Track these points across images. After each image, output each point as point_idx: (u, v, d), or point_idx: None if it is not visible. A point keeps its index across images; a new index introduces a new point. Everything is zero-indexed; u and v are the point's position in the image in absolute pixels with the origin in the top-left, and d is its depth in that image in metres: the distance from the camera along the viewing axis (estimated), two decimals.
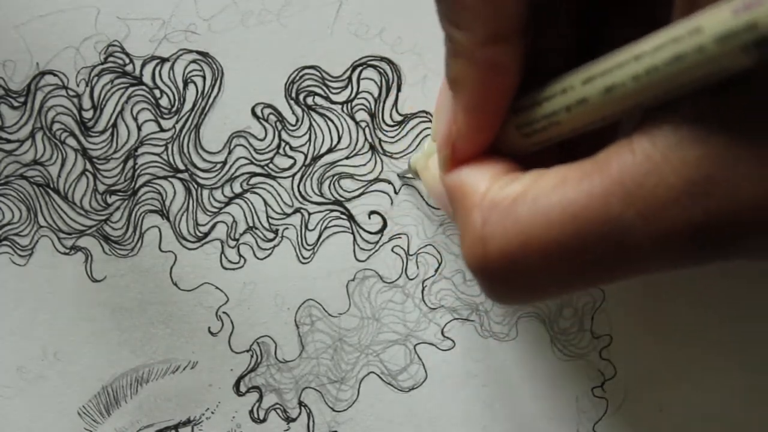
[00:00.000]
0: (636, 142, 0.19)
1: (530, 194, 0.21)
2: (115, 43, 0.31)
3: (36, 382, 0.32)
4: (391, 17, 0.32)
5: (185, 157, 0.32)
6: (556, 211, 0.20)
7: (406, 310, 0.33)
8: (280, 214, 0.32)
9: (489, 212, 0.22)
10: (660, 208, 0.19)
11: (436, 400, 0.33)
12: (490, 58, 0.22)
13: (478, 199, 0.22)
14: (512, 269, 0.21)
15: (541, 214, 0.20)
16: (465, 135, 0.24)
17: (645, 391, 0.33)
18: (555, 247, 0.20)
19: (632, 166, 0.19)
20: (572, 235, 0.20)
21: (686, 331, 0.33)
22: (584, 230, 0.20)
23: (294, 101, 0.32)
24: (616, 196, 0.19)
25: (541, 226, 0.20)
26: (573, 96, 0.21)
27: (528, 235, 0.21)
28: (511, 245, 0.21)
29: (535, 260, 0.21)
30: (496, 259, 0.21)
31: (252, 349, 0.33)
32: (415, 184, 0.32)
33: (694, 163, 0.18)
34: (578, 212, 0.20)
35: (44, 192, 0.32)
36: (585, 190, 0.20)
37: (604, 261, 0.20)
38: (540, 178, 0.21)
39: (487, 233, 0.22)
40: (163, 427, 0.33)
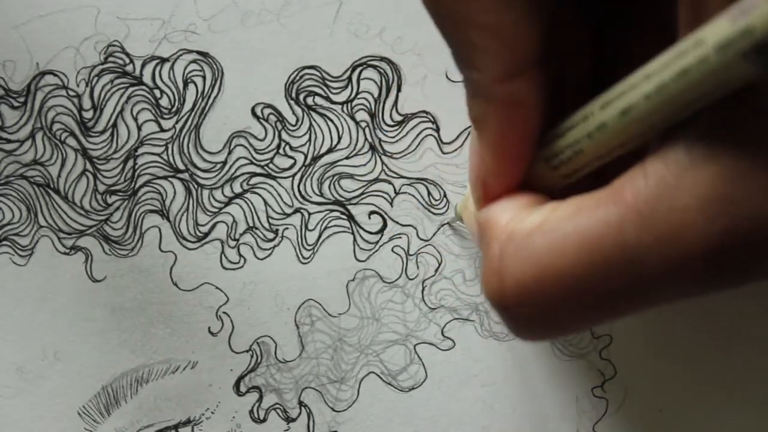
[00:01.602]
0: (649, 165, 0.19)
1: (546, 225, 0.21)
2: (115, 43, 0.31)
3: (36, 382, 0.32)
4: (391, 17, 0.32)
5: (185, 157, 0.32)
6: (571, 241, 0.20)
7: (406, 310, 0.33)
8: (280, 214, 0.32)
9: (506, 244, 0.21)
10: (676, 232, 0.18)
11: (436, 400, 0.33)
12: (508, 94, 0.22)
13: (498, 232, 0.22)
14: (528, 301, 0.21)
15: (556, 244, 0.20)
16: (493, 173, 0.23)
17: (645, 391, 0.33)
18: (570, 278, 0.20)
19: (645, 191, 0.19)
20: (587, 265, 0.19)
21: (686, 331, 0.33)
22: (600, 259, 0.19)
23: (294, 101, 0.32)
24: (631, 223, 0.19)
25: (556, 257, 0.20)
26: (593, 122, 0.21)
27: (542, 266, 0.20)
28: (525, 276, 0.20)
29: (551, 291, 0.20)
30: (511, 291, 0.21)
31: (252, 349, 0.33)
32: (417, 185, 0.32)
33: (708, 182, 0.18)
34: (593, 241, 0.19)
35: (44, 192, 0.32)
36: (600, 218, 0.19)
37: (621, 291, 0.19)
38: (556, 209, 0.21)
39: (503, 265, 0.21)
40: (163, 427, 0.33)
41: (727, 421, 0.33)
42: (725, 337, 0.33)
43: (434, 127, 0.32)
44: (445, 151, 0.32)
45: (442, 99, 0.32)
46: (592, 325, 0.22)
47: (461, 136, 0.32)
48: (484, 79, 0.22)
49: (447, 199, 0.32)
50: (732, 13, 0.17)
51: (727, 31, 0.17)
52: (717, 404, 0.33)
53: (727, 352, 0.33)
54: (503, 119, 0.22)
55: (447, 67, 0.32)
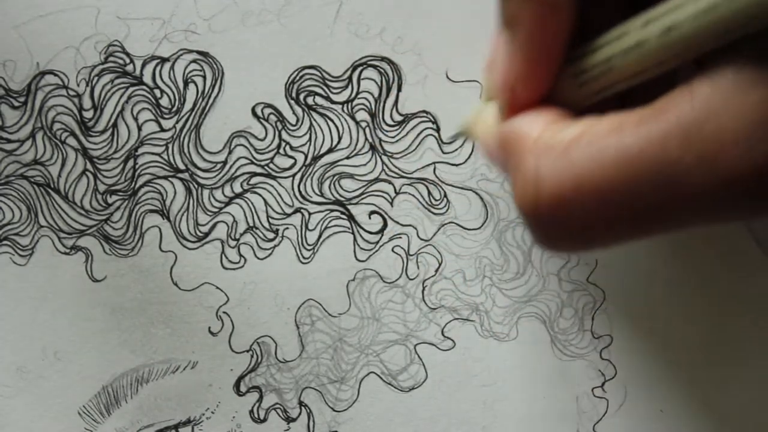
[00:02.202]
0: (696, 87, 0.19)
1: (585, 138, 0.21)
2: (116, 42, 0.31)
3: (36, 382, 0.32)
4: (391, 17, 0.32)
5: (185, 157, 0.32)
6: (612, 155, 0.20)
7: (407, 310, 0.33)
8: (280, 214, 0.32)
9: (542, 155, 0.21)
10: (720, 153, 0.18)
11: (436, 400, 0.33)
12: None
13: (531, 144, 0.22)
14: (565, 212, 0.21)
15: (596, 157, 0.20)
16: (524, 77, 0.23)
17: (645, 391, 0.33)
18: (610, 191, 0.20)
19: (691, 111, 0.19)
20: (628, 179, 0.19)
21: (687, 332, 0.33)
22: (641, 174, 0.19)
23: (294, 101, 0.32)
24: (675, 140, 0.19)
25: (596, 169, 0.20)
26: (630, 39, 0.20)
27: (582, 178, 0.20)
28: (564, 187, 0.20)
29: (589, 203, 0.20)
30: (548, 201, 0.21)
31: (252, 349, 0.33)
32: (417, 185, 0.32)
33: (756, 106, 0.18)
34: (635, 156, 0.19)
35: (45, 192, 0.32)
36: (642, 134, 0.19)
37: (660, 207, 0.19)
38: (596, 124, 0.21)
39: (540, 175, 0.21)
40: (164, 426, 0.33)
41: (727, 421, 0.33)
42: (725, 338, 0.33)
43: (434, 127, 0.32)
44: (446, 151, 0.32)
45: (443, 99, 0.32)
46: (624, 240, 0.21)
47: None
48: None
49: (447, 199, 0.32)
50: None
51: None
52: (717, 404, 0.33)
53: (727, 353, 0.33)
54: (538, 18, 0.22)
55: (447, 67, 0.32)
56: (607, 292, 0.33)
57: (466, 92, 0.32)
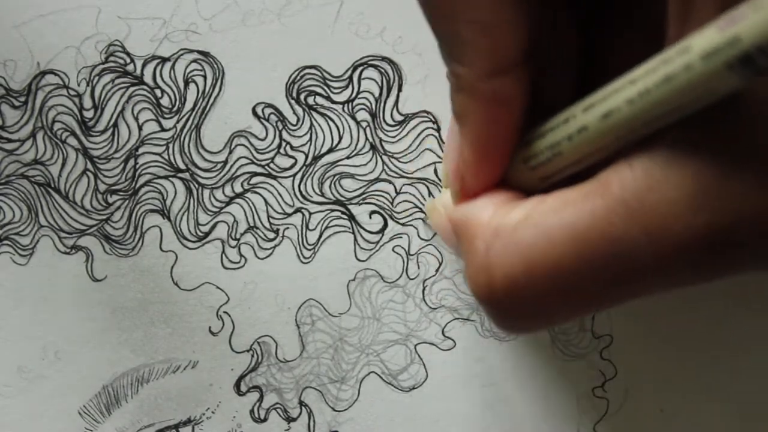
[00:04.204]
0: (635, 159, 0.19)
1: (531, 219, 0.21)
2: (116, 42, 0.31)
3: (36, 382, 0.32)
4: (392, 17, 0.32)
5: (186, 157, 0.32)
6: (558, 234, 0.20)
7: (407, 309, 0.33)
8: (280, 213, 0.32)
9: (492, 240, 0.21)
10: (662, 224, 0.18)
11: (436, 400, 0.33)
12: (493, 91, 0.22)
13: (481, 229, 0.22)
14: (517, 295, 0.21)
15: (543, 237, 0.20)
16: (472, 168, 0.23)
17: (646, 391, 0.33)
18: (560, 270, 0.20)
19: (633, 183, 0.19)
20: (576, 257, 0.20)
21: (687, 332, 0.33)
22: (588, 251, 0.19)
23: (295, 101, 0.32)
24: (619, 215, 0.19)
25: (544, 250, 0.20)
26: (574, 125, 0.21)
27: (531, 259, 0.20)
28: (515, 270, 0.21)
29: (540, 284, 0.20)
30: (500, 285, 0.21)
31: (252, 349, 0.33)
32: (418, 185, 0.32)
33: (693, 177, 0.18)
34: (581, 233, 0.19)
35: (45, 191, 0.32)
36: (587, 210, 0.20)
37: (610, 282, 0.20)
38: (541, 203, 0.21)
39: (490, 261, 0.21)
40: (164, 426, 0.33)
41: (727, 421, 0.33)
42: (726, 338, 0.33)
43: (435, 126, 0.32)
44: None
45: (443, 99, 0.32)
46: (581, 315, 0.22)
47: None
48: (469, 74, 0.22)
49: None
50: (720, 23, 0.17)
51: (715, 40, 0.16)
52: (717, 404, 0.33)
53: (728, 353, 0.33)
54: (485, 116, 0.22)
55: None
56: None
57: None
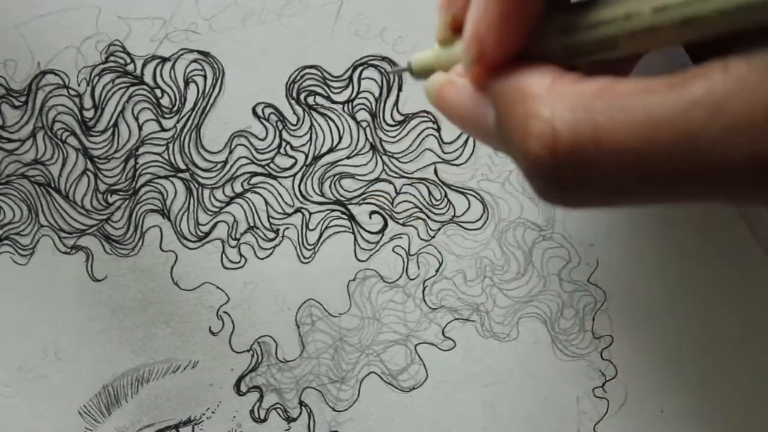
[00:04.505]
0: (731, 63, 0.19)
1: (607, 94, 0.20)
2: (116, 42, 0.31)
3: (37, 382, 0.32)
4: (391, 17, 0.32)
5: (186, 157, 0.32)
6: (635, 115, 0.19)
7: (407, 310, 0.33)
8: (280, 213, 0.32)
9: (560, 103, 0.20)
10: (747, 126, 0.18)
11: (436, 400, 0.33)
12: None
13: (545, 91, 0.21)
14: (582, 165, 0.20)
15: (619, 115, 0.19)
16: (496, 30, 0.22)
17: (646, 391, 0.33)
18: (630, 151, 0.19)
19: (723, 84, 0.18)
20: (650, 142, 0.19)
21: (687, 332, 0.33)
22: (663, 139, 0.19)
23: (295, 101, 0.32)
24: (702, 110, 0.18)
25: (618, 127, 0.19)
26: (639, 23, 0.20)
27: (602, 133, 0.20)
28: (584, 140, 0.20)
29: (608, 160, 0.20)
30: (566, 151, 0.20)
31: (253, 349, 0.33)
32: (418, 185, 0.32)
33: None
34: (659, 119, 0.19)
35: (45, 191, 0.32)
36: (670, 99, 0.19)
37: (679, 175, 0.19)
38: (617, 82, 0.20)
39: (558, 124, 0.20)
40: (164, 426, 0.33)
41: (727, 421, 0.33)
42: (726, 338, 0.33)
43: (435, 127, 0.32)
44: (446, 151, 0.32)
45: None
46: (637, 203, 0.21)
47: (462, 136, 0.32)
48: None
49: (448, 198, 0.32)
50: None
51: None
52: (717, 404, 0.33)
53: (727, 353, 0.33)
54: None
55: None
56: (607, 293, 0.33)
57: None
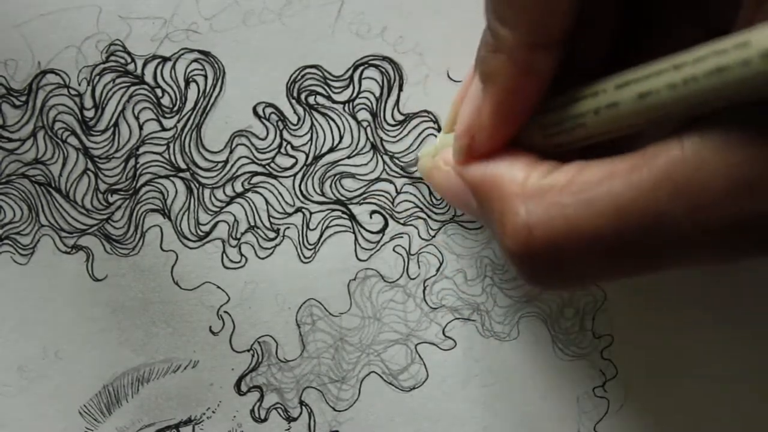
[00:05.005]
0: (686, 138, 0.20)
1: (575, 185, 0.21)
2: (117, 42, 0.31)
3: (37, 381, 0.32)
4: (392, 17, 0.32)
5: (187, 157, 0.32)
6: (604, 203, 0.20)
7: (408, 309, 0.33)
8: (281, 213, 0.32)
9: (532, 200, 0.22)
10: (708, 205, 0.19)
11: (437, 400, 0.33)
12: (530, 60, 0.22)
13: (517, 188, 0.23)
14: (558, 257, 0.22)
15: (588, 205, 0.21)
16: (488, 129, 0.24)
17: (646, 391, 0.33)
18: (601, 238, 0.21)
19: (682, 162, 0.19)
20: (619, 227, 0.20)
21: (687, 332, 0.33)
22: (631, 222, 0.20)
23: (295, 100, 0.32)
24: (665, 191, 0.19)
25: (588, 216, 0.21)
26: (604, 99, 0.21)
27: (574, 224, 0.21)
28: (557, 233, 0.21)
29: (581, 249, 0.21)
30: (541, 246, 0.22)
31: (253, 349, 0.33)
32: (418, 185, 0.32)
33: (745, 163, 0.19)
34: (626, 204, 0.20)
35: (45, 191, 0.32)
36: (633, 182, 0.20)
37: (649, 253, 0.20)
38: (585, 169, 0.22)
39: (531, 221, 0.22)
40: (164, 426, 0.33)
41: (727, 421, 0.33)
42: (726, 338, 0.33)
43: (436, 126, 0.32)
44: None
45: (444, 99, 0.32)
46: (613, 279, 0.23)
47: None
48: (511, 38, 0.22)
49: None
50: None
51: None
52: (717, 404, 0.33)
53: (727, 353, 0.33)
54: (516, 81, 0.23)
55: (449, 67, 0.32)
56: (607, 292, 0.33)
57: None
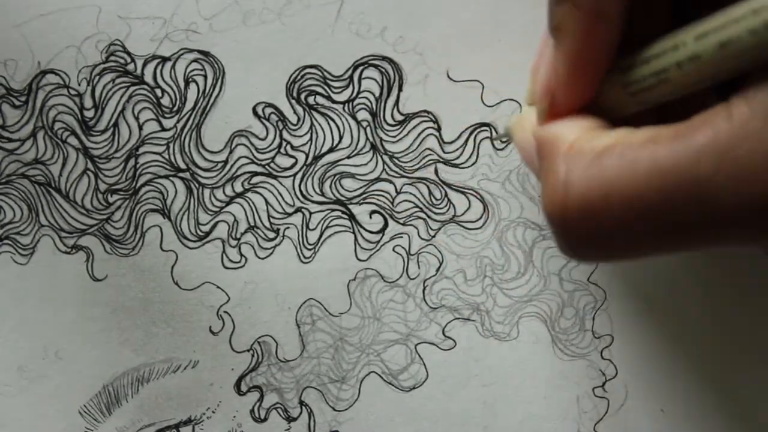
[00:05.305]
0: (734, 106, 0.19)
1: (618, 148, 0.21)
2: (117, 42, 0.31)
3: (37, 381, 0.32)
4: (392, 16, 0.32)
5: (186, 157, 0.32)
6: (644, 166, 0.20)
7: (407, 309, 0.33)
8: (281, 213, 0.32)
9: (573, 160, 0.21)
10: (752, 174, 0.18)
11: (436, 400, 0.33)
12: (594, 3, 0.22)
13: (564, 148, 0.22)
14: (592, 219, 0.21)
15: (628, 167, 0.20)
16: (565, 85, 0.23)
17: (646, 391, 0.33)
18: (638, 202, 0.20)
19: (727, 130, 0.19)
20: (658, 192, 0.19)
21: (687, 332, 0.33)
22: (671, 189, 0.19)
23: (295, 100, 0.32)
24: (708, 158, 0.19)
25: (626, 179, 0.20)
26: (685, 52, 0.20)
27: (612, 187, 0.20)
28: (592, 193, 0.21)
29: (617, 213, 0.20)
30: (576, 206, 0.21)
31: (253, 349, 0.33)
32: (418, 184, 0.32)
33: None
34: (666, 169, 0.19)
35: (45, 191, 0.32)
36: (676, 149, 0.19)
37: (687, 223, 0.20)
38: (630, 134, 0.21)
39: (569, 180, 0.21)
40: (164, 426, 0.33)
41: (727, 421, 0.33)
42: (726, 338, 0.33)
43: (435, 126, 0.32)
44: (447, 151, 0.32)
45: (444, 98, 0.32)
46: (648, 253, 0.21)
47: (462, 135, 0.32)
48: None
49: (448, 198, 0.32)
50: None
51: None
52: (717, 404, 0.33)
53: (728, 353, 0.33)
54: (585, 29, 0.22)
55: (448, 67, 0.32)
56: (608, 292, 0.33)
57: (467, 92, 0.32)
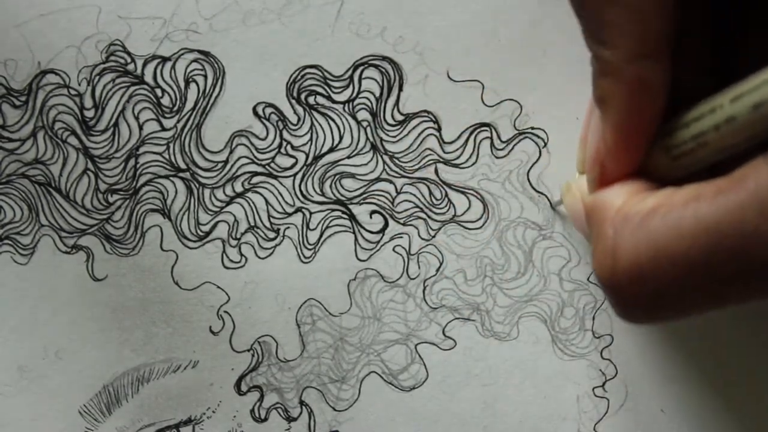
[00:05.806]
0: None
1: (662, 209, 0.21)
2: (117, 42, 0.31)
3: (37, 381, 0.32)
4: (392, 17, 0.32)
5: (187, 157, 0.32)
6: (689, 225, 0.20)
7: (407, 309, 0.33)
8: (281, 213, 0.32)
9: (621, 225, 0.22)
10: None
11: (436, 400, 0.33)
12: (637, 74, 0.22)
13: (611, 214, 0.23)
14: (642, 281, 0.21)
15: (673, 227, 0.20)
16: (614, 154, 0.24)
17: (646, 391, 0.33)
18: (686, 261, 0.20)
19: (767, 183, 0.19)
20: (704, 249, 0.19)
21: (688, 332, 0.33)
22: (717, 245, 0.19)
23: (295, 100, 0.32)
24: (752, 211, 0.19)
25: (673, 239, 0.20)
26: (721, 115, 0.21)
27: (659, 248, 0.20)
28: (640, 257, 0.21)
29: (665, 273, 0.20)
30: (625, 270, 0.21)
31: (253, 349, 0.33)
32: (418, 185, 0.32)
33: None
34: (711, 226, 0.19)
35: (46, 191, 0.32)
36: (719, 204, 0.19)
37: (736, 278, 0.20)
38: (673, 194, 0.21)
39: (617, 244, 0.21)
40: (164, 426, 0.33)
41: (727, 421, 0.33)
42: (726, 338, 0.33)
43: (435, 126, 0.32)
44: (447, 151, 0.32)
45: (444, 99, 0.32)
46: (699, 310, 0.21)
47: (462, 135, 0.32)
48: (614, 57, 0.22)
49: (448, 198, 0.32)
50: None
51: None
52: (717, 404, 0.33)
53: (728, 353, 0.33)
54: (630, 99, 0.22)
55: (448, 67, 0.32)
56: None
57: (467, 92, 0.32)
